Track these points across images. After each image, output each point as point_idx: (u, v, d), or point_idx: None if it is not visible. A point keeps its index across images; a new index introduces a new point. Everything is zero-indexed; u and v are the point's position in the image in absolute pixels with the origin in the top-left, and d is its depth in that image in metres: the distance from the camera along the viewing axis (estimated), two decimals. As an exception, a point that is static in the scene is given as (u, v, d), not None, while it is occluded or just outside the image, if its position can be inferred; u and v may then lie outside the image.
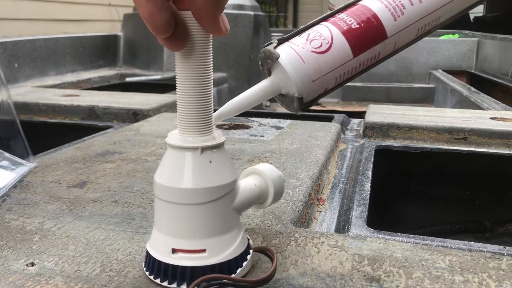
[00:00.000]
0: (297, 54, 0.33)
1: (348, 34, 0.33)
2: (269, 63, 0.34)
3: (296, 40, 0.34)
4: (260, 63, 0.35)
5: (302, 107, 0.34)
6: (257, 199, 0.38)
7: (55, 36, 1.80)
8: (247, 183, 0.37)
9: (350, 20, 0.33)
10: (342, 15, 0.34)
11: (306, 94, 0.34)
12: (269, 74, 0.35)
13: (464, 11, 0.36)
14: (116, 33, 2.16)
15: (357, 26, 0.33)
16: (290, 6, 8.08)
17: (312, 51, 0.33)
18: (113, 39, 2.13)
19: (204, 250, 0.33)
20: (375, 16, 0.33)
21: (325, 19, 0.35)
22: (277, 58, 0.33)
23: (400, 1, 0.34)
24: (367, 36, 0.33)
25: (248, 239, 0.37)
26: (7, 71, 1.51)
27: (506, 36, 1.97)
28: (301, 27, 0.35)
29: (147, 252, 0.35)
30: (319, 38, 0.33)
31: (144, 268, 0.36)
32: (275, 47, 0.34)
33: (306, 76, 0.33)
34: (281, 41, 0.34)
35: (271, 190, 0.38)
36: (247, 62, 1.92)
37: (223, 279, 0.33)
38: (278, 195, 0.39)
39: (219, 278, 0.33)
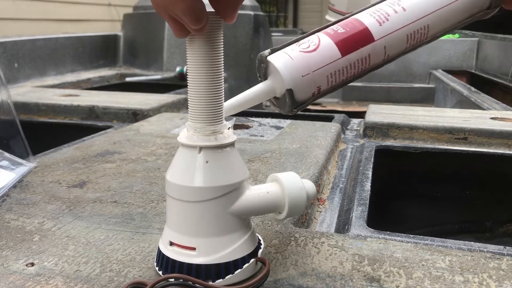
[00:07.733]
0: (287, 54, 0.35)
1: (334, 36, 0.36)
2: (262, 67, 0.36)
3: (287, 47, 0.36)
4: (257, 73, 0.37)
5: (295, 105, 0.35)
6: (267, 208, 0.36)
7: (55, 36, 1.80)
8: (258, 189, 0.36)
9: (336, 27, 0.36)
10: (331, 27, 0.37)
11: (297, 89, 0.35)
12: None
13: (457, 25, 0.38)
14: (116, 33, 2.16)
15: (343, 30, 0.36)
16: (290, 6, 8.07)
17: (300, 51, 0.35)
18: (113, 39, 2.13)
19: (194, 248, 0.34)
20: (359, 22, 0.36)
21: (316, 32, 0.37)
22: (266, 56, 0.35)
23: (384, 11, 0.36)
24: (353, 37, 0.35)
25: (259, 247, 0.36)
26: (7, 71, 1.51)
27: (506, 36, 1.96)
28: (292, 39, 0.37)
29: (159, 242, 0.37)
30: (307, 42, 0.36)
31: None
32: (267, 55, 0.36)
33: (295, 70, 0.35)
34: (274, 50, 0.36)
35: (286, 201, 0.35)
36: (247, 62, 1.91)
37: (194, 282, 0.32)
38: (294, 208, 0.35)
39: (189, 280, 0.32)
